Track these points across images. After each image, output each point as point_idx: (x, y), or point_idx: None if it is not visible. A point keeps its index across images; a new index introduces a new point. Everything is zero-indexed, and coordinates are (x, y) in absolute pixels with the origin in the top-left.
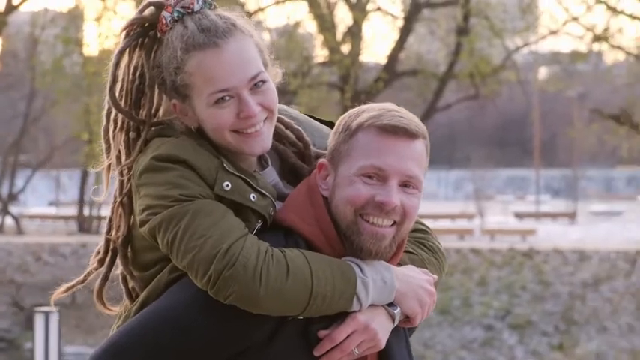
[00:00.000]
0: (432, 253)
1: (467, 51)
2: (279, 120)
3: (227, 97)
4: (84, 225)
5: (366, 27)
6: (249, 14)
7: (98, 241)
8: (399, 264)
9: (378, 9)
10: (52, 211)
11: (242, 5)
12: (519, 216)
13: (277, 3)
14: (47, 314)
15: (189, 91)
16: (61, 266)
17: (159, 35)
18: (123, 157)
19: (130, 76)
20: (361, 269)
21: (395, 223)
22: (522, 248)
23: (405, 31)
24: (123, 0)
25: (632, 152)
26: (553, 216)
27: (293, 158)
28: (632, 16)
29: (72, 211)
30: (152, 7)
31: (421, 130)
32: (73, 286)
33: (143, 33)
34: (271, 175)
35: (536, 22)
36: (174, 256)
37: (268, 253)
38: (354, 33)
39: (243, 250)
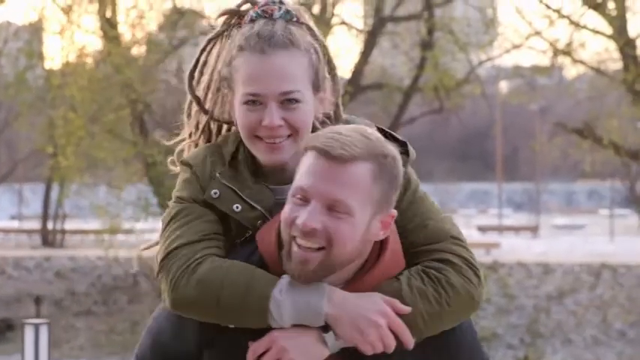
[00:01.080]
0: (432, 283)
1: (431, 65)
2: None
3: (257, 102)
4: (48, 238)
5: (331, 41)
6: (214, 28)
7: (62, 255)
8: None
9: (342, 23)
10: (15, 224)
11: (207, 19)
12: (482, 229)
13: None
14: (37, 326)
15: (233, 85)
16: (25, 280)
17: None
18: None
19: (218, 65)
20: (282, 289)
21: (323, 247)
22: (486, 261)
23: (370, 45)
24: (86, 13)
25: (595, 166)
26: (516, 229)
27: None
28: (595, 31)
29: (35, 224)
30: (249, 4)
31: (360, 153)
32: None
33: (232, 25)
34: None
35: (500, 36)
36: None
37: (195, 262)
38: None
39: (176, 257)
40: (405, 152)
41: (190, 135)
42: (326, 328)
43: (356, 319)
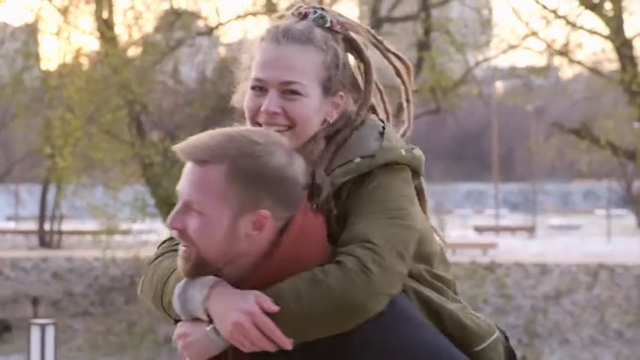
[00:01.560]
0: (311, 284)
1: (428, 65)
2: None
3: (262, 89)
4: (45, 240)
5: None
6: (210, 29)
7: (59, 256)
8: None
9: None
10: (11, 225)
11: (204, 19)
12: (479, 230)
13: (238, 18)
14: (43, 326)
15: (248, 74)
16: (22, 281)
17: None
18: None
19: None
20: (181, 284)
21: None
22: (484, 262)
23: None
24: (83, 14)
25: (592, 166)
26: (512, 230)
27: None
28: (591, 31)
29: (31, 225)
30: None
31: (206, 155)
32: None
33: None
34: None
35: (496, 36)
36: None
37: (153, 258)
38: None
39: (157, 250)
40: (371, 156)
41: None
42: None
43: (223, 315)
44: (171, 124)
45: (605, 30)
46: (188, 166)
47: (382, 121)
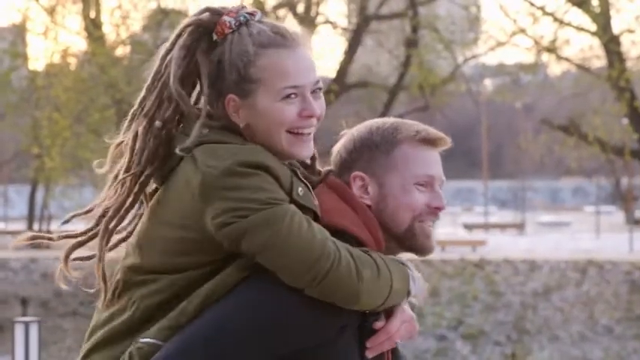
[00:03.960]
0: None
1: (416, 63)
2: None
3: (294, 95)
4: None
5: (315, 39)
6: None
7: (48, 257)
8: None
9: (327, 21)
10: (0, 226)
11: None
12: (468, 227)
13: None
14: (27, 324)
15: (256, 86)
16: (11, 281)
17: (215, 37)
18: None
19: (181, 71)
20: (409, 266)
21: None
22: (473, 259)
23: (354, 44)
24: (71, 14)
25: (581, 162)
26: (502, 227)
27: (301, 169)
28: (579, 28)
29: (20, 226)
30: (208, 13)
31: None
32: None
33: (197, 34)
34: None
35: (484, 34)
36: (270, 256)
37: (356, 253)
38: None
39: (340, 250)
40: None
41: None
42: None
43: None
44: None
45: (593, 27)
46: (434, 152)
47: None
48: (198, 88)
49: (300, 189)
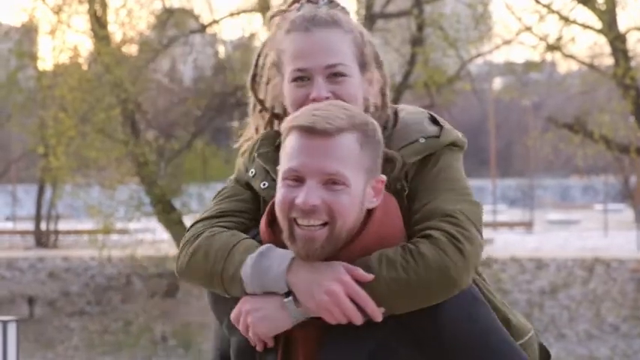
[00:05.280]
0: (402, 253)
1: (422, 61)
2: None
3: (305, 78)
4: (41, 239)
5: None
6: (204, 27)
7: (55, 256)
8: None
9: None
10: (9, 225)
11: (197, 17)
12: None
13: (232, 15)
14: (5, 324)
15: (282, 68)
16: (18, 281)
17: None
18: None
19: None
20: (254, 256)
21: (326, 223)
22: None
23: None
24: (77, 14)
25: (587, 160)
26: (510, 225)
27: None
28: (585, 26)
29: (29, 225)
30: (296, 3)
31: (342, 124)
32: None
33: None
34: None
35: (490, 32)
36: None
37: (197, 234)
38: None
39: (190, 230)
40: (436, 136)
41: (257, 131)
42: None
43: (312, 285)
44: (166, 122)
45: (599, 24)
46: (312, 141)
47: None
48: None
49: (251, 171)
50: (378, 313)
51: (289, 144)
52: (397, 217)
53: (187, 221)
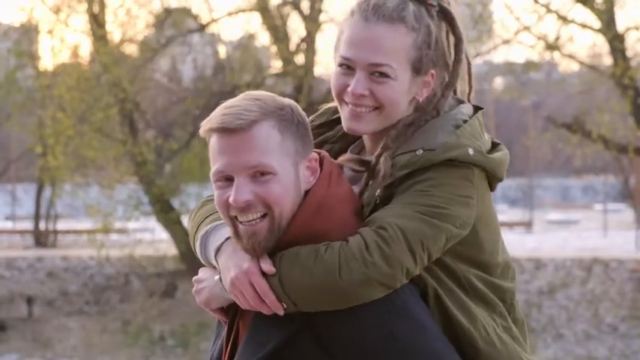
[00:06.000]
0: (310, 254)
1: None
2: None
3: (349, 68)
4: (40, 239)
5: (319, 38)
6: (202, 26)
7: (54, 255)
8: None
9: (331, 20)
10: (9, 225)
11: (195, 17)
12: None
13: (230, 15)
14: None
15: (337, 50)
16: (17, 280)
17: None
18: None
19: None
20: (211, 231)
21: (266, 214)
22: None
23: None
24: (76, 13)
25: (586, 160)
26: (510, 225)
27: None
28: (583, 25)
29: (28, 225)
30: None
31: (253, 116)
32: None
33: None
34: None
35: (489, 31)
36: None
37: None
38: (308, 44)
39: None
40: (431, 149)
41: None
42: None
43: (225, 268)
44: (164, 122)
45: (597, 24)
46: (229, 140)
47: (477, 108)
48: None
49: None
50: (277, 307)
51: (211, 147)
52: (341, 211)
53: (186, 221)
